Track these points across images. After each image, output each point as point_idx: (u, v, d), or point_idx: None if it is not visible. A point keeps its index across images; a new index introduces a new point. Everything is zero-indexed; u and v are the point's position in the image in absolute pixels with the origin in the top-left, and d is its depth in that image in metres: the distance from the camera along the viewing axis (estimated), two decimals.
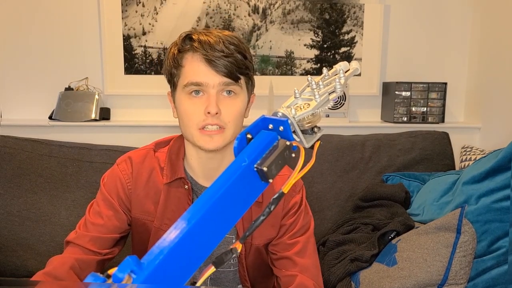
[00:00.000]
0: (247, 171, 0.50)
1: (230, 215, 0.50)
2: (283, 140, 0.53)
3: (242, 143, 0.54)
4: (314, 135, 0.56)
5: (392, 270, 1.23)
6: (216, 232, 0.48)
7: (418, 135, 1.75)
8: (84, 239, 0.96)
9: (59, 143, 1.70)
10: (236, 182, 0.49)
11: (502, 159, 1.24)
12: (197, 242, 0.46)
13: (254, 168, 0.51)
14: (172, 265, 0.44)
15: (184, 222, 0.46)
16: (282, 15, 1.92)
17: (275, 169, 0.51)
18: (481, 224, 1.19)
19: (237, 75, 0.91)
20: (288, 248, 1.00)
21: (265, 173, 0.50)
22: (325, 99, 0.55)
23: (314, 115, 0.55)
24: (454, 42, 1.97)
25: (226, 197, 0.48)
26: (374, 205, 1.57)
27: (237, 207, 0.50)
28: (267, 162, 0.51)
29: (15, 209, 1.59)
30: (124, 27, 1.89)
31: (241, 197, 0.51)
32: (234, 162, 0.51)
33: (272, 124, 0.53)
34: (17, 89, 1.92)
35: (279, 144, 0.52)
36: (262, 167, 0.50)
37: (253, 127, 0.54)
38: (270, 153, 0.52)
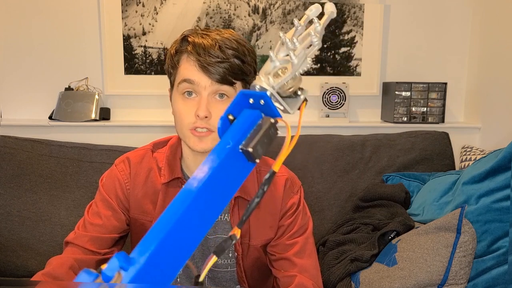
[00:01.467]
0: (232, 153, 0.49)
1: (219, 198, 0.49)
2: (266, 118, 0.52)
3: (225, 125, 0.53)
4: (298, 98, 0.55)
5: (392, 270, 1.23)
6: (206, 217, 0.48)
7: (418, 135, 1.75)
8: (83, 239, 0.96)
9: (59, 143, 1.70)
10: (222, 165, 0.48)
11: (502, 159, 1.23)
12: (187, 229, 0.45)
13: (239, 149, 0.50)
14: (164, 255, 0.43)
15: (173, 210, 0.45)
16: (282, 15, 1.91)
17: (261, 148, 0.51)
18: (481, 224, 1.19)
19: (231, 81, 0.89)
20: (286, 248, 1.00)
21: (251, 153, 0.49)
22: (302, 57, 0.52)
23: (294, 78, 0.53)
24: (454, 42, 1.97)
25: (213, 181, 0.47)
26: (374, 205, 1.57)
27: (225, 190, 0.50)
28: (253, 143, 0.50)
29: (15, 209, 1.59)
30: (124, 27, 1.89)
31: (228, 180, 0.50)
32: (218, 145, 0.50)
33: (252, 98, 0.52)
34: (17, 89, 1.92)
35: (263, 122, 0.51)
36: (248, 148, 0.49)
37: (234, 106, 0.53)
38: (254, 132, 0.51)
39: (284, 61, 0.54)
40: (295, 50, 0.52)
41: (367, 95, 1.97)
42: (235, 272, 1.04)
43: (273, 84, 0.52)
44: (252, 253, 1.03)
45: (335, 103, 1.89)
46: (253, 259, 1.04)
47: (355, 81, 1.95)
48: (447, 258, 1.16)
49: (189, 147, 0.93)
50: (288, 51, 0.53)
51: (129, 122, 1.91)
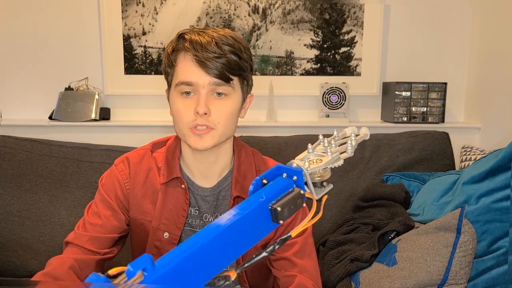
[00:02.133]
0: (261, 207, 0.53)
1: (236, 246, 0.52)
2: (297, 188, 0.56)
3: (257, 187, 0.57)
4: (323, 189, 0.60)
5: (392, 270, 1.22)
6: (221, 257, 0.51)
7: (418, 135, 1.75)
8: (82, 239, 0.96)
9: (59, 143, 1.70)
10: (250, 215, 0.52)
11: (502, 159, 1.23)
12: (206, 260, 0.49)
13: (269, 206, 0.53)
14: (181, 273, 0.46)
15: (202, 236, 0.49)
16: (282, 15, 1.91)
17: (287, 212, 0.54)
18: (481, 224, 1.19)
19: (228, 76, 0.90)
20: (286, 248, 1.00)
21: (278, 213, 0.53)
22: (336, 156, 0.59)
23: (325, 170, 0.59)
24: (454, 42, 1.97)
25: (238, 226, 0.51)
26: (374, 205, 1.57)
27: (244, 240, 0.53)
28: (281, 204, 0.53)
29: (15, 209, 1.59)
30: (124, 27, 1.89)
31: (250, 232, 0.53)
32: (253, 196, 0.54)
33: (286, 173, 0.57)
34: (17, 89, 1.92)
35: (293, 190, 0.56)
36: (277, 206, 0.53)
37: (269, 174, 0.58)
38: (285, 196, 0.55)
39: (319, 156, 0.60)
40: (332, 148, 0.60)
41: (367, 95, 1.97)
42: None
43: (307, 167, 0.57)
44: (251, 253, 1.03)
45: (335, 103, 1.89)
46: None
47: (355, 81, 1.95)
48: (447, 258, 1.16)
49: (189, 146, 0.93)
50: (326, 148, 0.60)
51: (129, 122, 1.91)
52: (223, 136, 0.94)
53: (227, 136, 0.96)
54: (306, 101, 1.96)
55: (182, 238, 1.02)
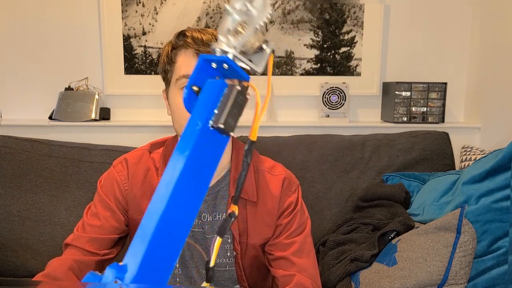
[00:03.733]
0: (203, 133, 0.47)
1: (200, 181, 0.47)
2: (232, 86, 0.48)
3: (191, 98, 0.51)
4: (264, 53, 0.51)
5: (392, 270, 1.22)
6: (191, 203, 0.46)
7: (418, 135, 1.75)
8: (82, 240, 0.96)
9: (59, 143, 1.70)
10: (195, 149, 0.46)
11: (502, 159, 1.23)
12: (175, 221, 0.44)
13: (210, 127, 0.47)
14: (157, 252, 0.43)
15: (155, 206, 0.44)
16: (282, 15, 1.91)
17: (233, 120, 0.48)
18: (481, 224, 1.19)
19: None
20: (285, 248, 1.00)
21: (223, 129, 0.47)
22: (261, 7, 0.48)
23: (256, 32, 0.49)
24: (454, 42, 1.97)
25: (190, 167, 0.46)
26: (374, 205, 1.56)
27: (205, 171, 0.48)
28: (222, 117, 0.47)
29: (15, 209, 1.59)
30: (124, 27, 1.89)
31: (206, 159, 0.48)
32: (187, 127, 0.48)
33: (214, 63, 0.49)
34: (17, 89, 1.92)
35: (229, 92, 0.48)
36: (218, 124, 0.47)
37: (197, 74, 0.50)
38: (222, 105, 0.47)
39: (242, 13, 0.49)
40: (252, 2, 0.48)
41: (367, 95, 1.97)
42: (233, 272, 1.05)
43: (235, 44, 0.48)
44: (250, 252, 1.03)
45: (335, 103, 1.89)
46: (252, 258, 1.04)
47: (355, 81, 1.95)
48: (447, 258, 1.16)
49: None
50: (244, 1, 0.48)
51: (129, 122, 1.91)
52: None
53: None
54: (306, 101, 1.96)
55: None
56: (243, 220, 1.00)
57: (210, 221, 1.02)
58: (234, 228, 1.00)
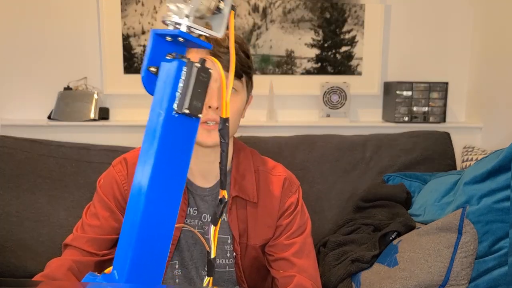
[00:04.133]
0: (168, 122, 0.43)
1: (177, 170, 0.44)
2: (190, 64, 0.44)
3: (150, 79, 0.46)
4: (222, 14, 0.47)
5: (393, 271, 1.22)
6: (172, 195, 0.44)
7: (419, 135, 1.75)
8: (81, 240, 0.96)
9: (58, 143, 1.70)
10: (163, 141, 0.43)
11: (503, 159, 1.23)
12: (157, 216, 0.42)
13: (174, 114, 0.43)
14: (144, 252, 0.41)
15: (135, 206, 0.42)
16: (282, 14, 1.91)
17: (198, 101, 0.44)
18: (482, 224, 1.18)
19: (240, 73, 0.92)
20: (285, 249, 1.00)
21: (190, 113, 0.44)
22: None
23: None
24: (455, 41, 1.96)
25: (161, 160, 0.43)
26: (375, 205, 1.56)
27: (179, 159, 0.45)
28: (186, 101, 0.43)
29: (14, 209, 1.59)
30: (123, 26, 1.88)
31: (178, 148, 0.45)
32: (149, 118, 0.44)
33: (169, 36, 0.45)
34: (16, 89, 1.91)
35: (188, 71, 0.44)
36: (183, 110, 0.43)
37: (152, 54, 0.46)
38: (184, 87, 0.43)
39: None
40: None
41: (368, 94, 1.96)
42: (233, 273, 1.04)
43: (187, 12, 0.44)
44: (250, 253, 1.02)
45: (335, 102, 1.88)
46: (251, 259, 1.03)
47: (356, 80, 1.94)
48: (448, 258, 1.16)
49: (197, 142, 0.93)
50: None
51: (129, 122, 1.91)
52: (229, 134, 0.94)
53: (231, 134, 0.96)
54: (307, 100, 1.95)
55: (180, 239, 1.01)
56: (243, 221, 1.00)
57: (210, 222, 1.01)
58: (234, 228, 0.99)
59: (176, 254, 1.03)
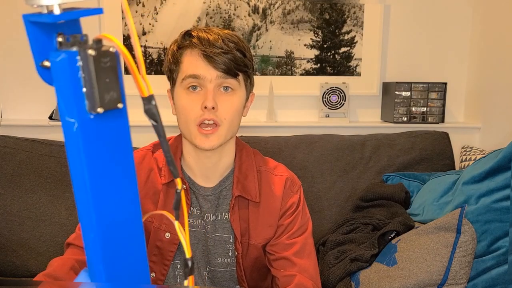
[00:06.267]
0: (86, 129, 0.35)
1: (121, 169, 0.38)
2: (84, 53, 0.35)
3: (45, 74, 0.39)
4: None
5: (392, 270, 1.23)
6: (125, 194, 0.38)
7: (418, 135, 1.75)
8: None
9: (59, 143, 1.70)
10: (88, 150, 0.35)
11: (502, 159, 1.23)
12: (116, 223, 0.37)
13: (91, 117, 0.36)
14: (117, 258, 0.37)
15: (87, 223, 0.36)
16: (282, 15, 1.91)
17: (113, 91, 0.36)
18: (481, 224, 1.19)
19: (235, 72, 0.92)
20: (286, 248, 1.00)
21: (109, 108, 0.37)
22: None
23: None
24: (454, 42, 1.97)
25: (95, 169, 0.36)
26: (374, 205, 1.57)
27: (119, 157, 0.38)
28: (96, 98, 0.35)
29: (15, 209, 1.59)
30: (124, 27, 1.89)
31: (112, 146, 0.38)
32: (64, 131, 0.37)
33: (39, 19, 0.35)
34: (17, 89, 1.92)
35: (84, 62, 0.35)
36: (97, 110, 0.35)
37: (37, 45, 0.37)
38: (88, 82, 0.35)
39: None
40: None
41: (367, 95, 1.97)
42: (234, 272, 1.05)
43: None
44: (251, 253, 1.03)
45: (335, 103, 1.89)
46: (253, 258, 1.04)
47: (355, 81, 1.95)
48: (447, 258, 1.16)
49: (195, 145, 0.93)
50: None
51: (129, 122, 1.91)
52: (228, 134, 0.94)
53: (232, 133, 0.96)
54: (306, 101, 1.96)
55: None
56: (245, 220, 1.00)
57: (212, 221, 1.02)
58: (236, 228, 1.00)
59: (178, 254, 1.03)
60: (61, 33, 0.37)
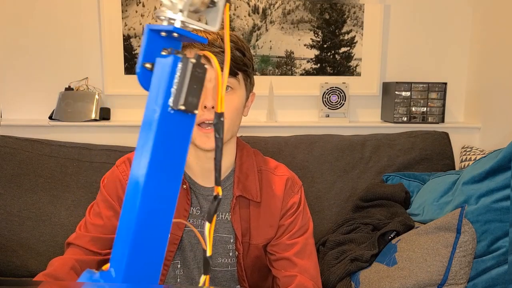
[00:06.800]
0: (164, 119, 0.43)
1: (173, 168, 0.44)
2: (186, 60, 0.43)
3: (146, 76, 0.46)
4: (217, 7, 0.47)
5: (392, 270, 1.23)
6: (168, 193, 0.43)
7: (418, 135, 1.75)
8: (84, 239, 0.96)
9: (59, 143, 1.70)
10: (158, 138, 0.42)
11: (502, 159, 1.24)
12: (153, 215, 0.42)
13: (170, 110, 0.43)
14: (141, 251, 0.41)
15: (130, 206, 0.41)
16: (282, 15, 1.91)
17: (194, 97, 0.44)
18: (481, 224, 1.19)
19: (234, 71, 0.92)
20: (287, 248, 1.00)
21: (186, 109, 0.43)
22: None
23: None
24: (454, 42, 1.97)
25: (157, 157, 0.42)
26: (374, 205, 1.57)
27: (175, 157, 0.44)
28: (182, 98, 0.43)
29: (15, 209, 1.59)
30: (124, 27, 1.89)
31: (174, 145, 0.44)
32: (145, 115, 0.44)
33: (164, 32, 0.45)
34: (17, 89, 1.92)
35: (183, 66, 0.44)
36: (179, 106, 0.43)
37: (147, 49, 0.46)
38: (179, 83, 0.43)
39: None
40: None
41: (367, 95, 1.97)
42: (235, 272, 1.05)
43: (180, 7, 0.44)
44: (252, 253, 1.03)
45: (335, 103, 1.89)
46: (253, 258, 1.04)
47: (355, 81, 1.95)
48: (447, 258, 1.16)
49: (196, 145, 0.93)
50: None
51: (129, 122, 1.91)
52: (229, 133, 0.94)
53: (232, 133, 0.96)
54: (306, 101, 1.96)
55: (183, 239, 1.02)
56: (246, 220, 1.00)
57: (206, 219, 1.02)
58: (237, 228, 1.00)
59: (178, 254, 1.03)
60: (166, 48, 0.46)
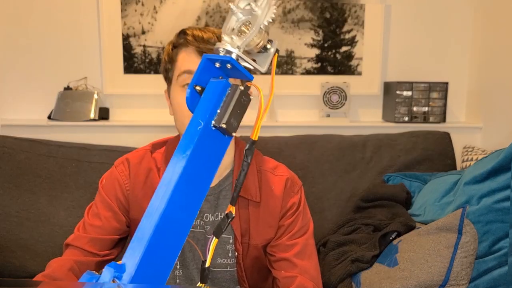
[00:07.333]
0: (205, 133, 0.47)
1: (202, 180, 0.47)
2: (235, 86, 0.48)
3: (194, 98, 0.50)
4: (268, 53, 0.51)
5: (393, 271, 1.22)
6: (191, 204, 0.46)
7: (419, 135, 1.75)
8: (82, 240, 0.96)
9: (58, 143, 1.70)
10: (197, 148, 0.46)
11: (503, 159, 1.23)
12: (174, 221, 0.44)
13: (212, 127, 0.47)
14: (156, 251, 0.43)
15: (156, 205, 0.44)
16: (282, 14, 1.91)
17: (235, 120, 0.48)
18: (482, 224, 1.19)
19: None
20: (287, 249, 0.99)
21: (226, 129, 0.47)
22: (265, 7, 0.48)
23: (260, 32, 0.49)
24: (455, 41, 1.97)
25: (191, 166, 0.45)
26: (375, 205, 1.56)
27: (206, 171, 0.48)
28: (225, 117, 0.47)
29: (13, 209, 1.59)
30: (123, 26, 1.88)
31: (208, 160, 0.48)
32: (189, 126, 0.48)
33: (218, 63, 0.49)
34: (15, 89, 1.91)
35: (232, 92, 0.48)
36: (221, 124, 0.47)
37: (200, 74, 0.50)
38: (225, 105, 0.48)
39: (247, 13, 0.49)
40: (257, 1, 0.48)
41: (368, 94, 1.96)
42: (235, 272, 1.04)
43: (239, 44, 0.48)
44: (252, 253, 1.02)
45: (336, 102, 1.88)
46: (253, 259, 1.03)
47: (356, 80, 1.94)
48: (448, 258, 1.16)
49: None
50: (248, 1, 0.49)
51: (128, 122, 1.91)
52: None
53: None
54: (307, 100, 1.95)
55: None
56: (246, 221, 1.00)
57: (212, 221, 1.01)
58: (236, 228, 0.99)
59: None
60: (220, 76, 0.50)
